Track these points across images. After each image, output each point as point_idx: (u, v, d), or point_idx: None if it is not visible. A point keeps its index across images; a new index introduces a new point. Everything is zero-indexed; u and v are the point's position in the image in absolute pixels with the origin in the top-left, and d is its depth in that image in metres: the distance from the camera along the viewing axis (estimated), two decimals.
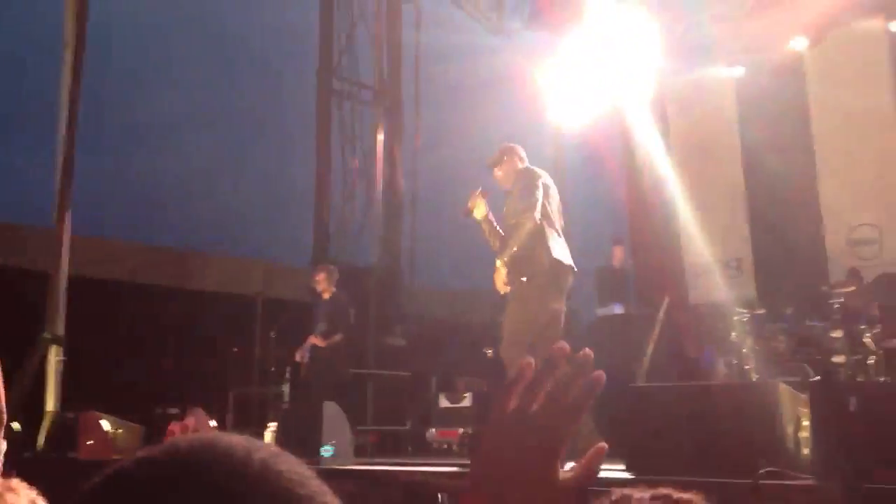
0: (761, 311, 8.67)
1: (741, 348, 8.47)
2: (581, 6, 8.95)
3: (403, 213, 11.32)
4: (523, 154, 6.53)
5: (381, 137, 11.15)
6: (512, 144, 6.60)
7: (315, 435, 6.07)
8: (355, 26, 11.36)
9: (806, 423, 4.36)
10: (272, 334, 9.38)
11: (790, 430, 4.43)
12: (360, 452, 8.29)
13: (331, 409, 6.36)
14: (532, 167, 6.45)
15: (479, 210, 6.27)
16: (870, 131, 9.39)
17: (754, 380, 8.14)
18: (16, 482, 1.59)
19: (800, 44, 9.43)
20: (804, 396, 4.43)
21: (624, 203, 11.34)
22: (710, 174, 10.28)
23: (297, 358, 8.76)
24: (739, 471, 4.21)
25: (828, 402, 4.23)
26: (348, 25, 11.32)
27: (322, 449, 6.14)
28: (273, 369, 9.25)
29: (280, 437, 6.52)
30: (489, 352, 9.27)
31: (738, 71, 9.97)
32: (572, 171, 12.00)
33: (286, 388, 8.87)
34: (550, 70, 10.26)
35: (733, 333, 8.61)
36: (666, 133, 10.56)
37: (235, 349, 10.21)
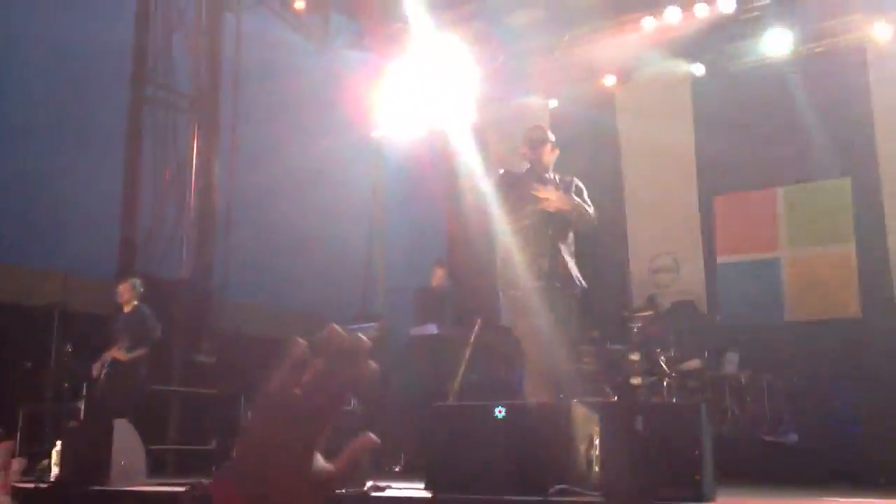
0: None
1: None
2: (405, 33, 9.04)
3: (217, 226, 10.98)
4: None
5: (195, 148, 10.79)
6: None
7: (104, 454, 5.73)
8: (173, 33, 10.97)
9: (598, 441, 4.51)
10: (68, 348, 8.83)
11: (583, 449, 4.57)
12: (158, 472, 7.92)
13: (122, 428, 6.02)
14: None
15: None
16: (672, 166, 9.99)
17: (559, 400, 8.44)
18: None
19: (610, 80, 9.92)
20: (597, 416, 4.58)
21: (446, 226, 11.50)
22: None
23: (94, 373, 8.28)
24: (533, 488, 4.30)
25: (616, 421, 4.40)
26: (165, 31, 10.92)
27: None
28: (67, 385, 8.69)
29: (66, 457, 6.11)
30: None
31: (553, 102, 10.36)
32: (396, 191, 12.06)
33: (82, 405, 8.34)
34: (376, 91, 10.32)
35: None
36: (487, 157, 10.80)
37: (28, 363, 9.53)
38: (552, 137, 5.92)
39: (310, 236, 10.63)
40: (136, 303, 8.56)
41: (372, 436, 1.01)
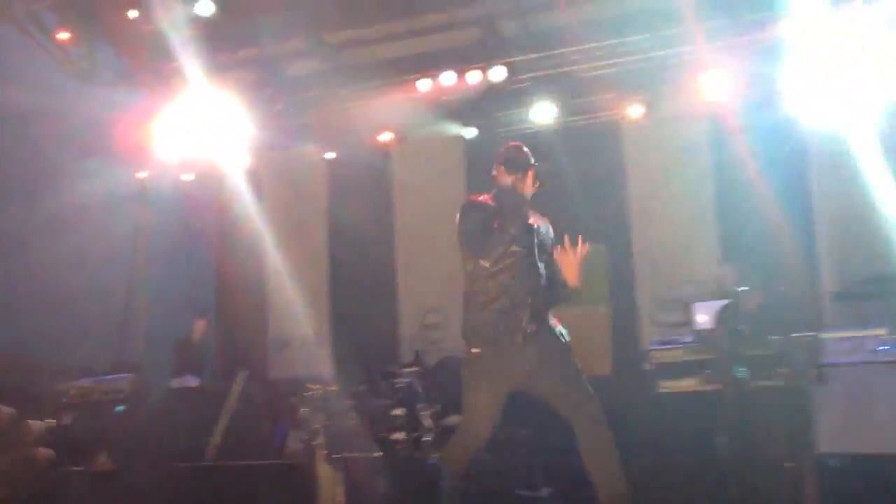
0: (334, 388, 8.90)
1: (313, 424, 8.58)
2: (175, 72, 8.76)
3: None
4: None
5: None
6: None
7: None
8: None
9: (341, 500, 4.44)
10: None
11: None
12: None
13: None
14: None
15: None
16: (444, 223, 10.19)
17: (322, 456, 8.29)
18: None
19: (386, 136, 10.07)
20: (341, 475, 4.52)
21: (214, 274, 11.14)
22: (300, 249, 10.48)
23: None
24: None
25: (359, 479, 4.35)
26: None
27: None
28: None
29: None
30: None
31: (330, 154, 10.36)
32: (163, 237, 11.54)
33: None
34: (145, 131, 9.89)
35: (306, 409, 8.70)
36: (262, 205, 10.61)
37: None
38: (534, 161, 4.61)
39: (66, 285, 9.94)
40: None
41: None
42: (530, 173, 4.53)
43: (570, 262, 4.53)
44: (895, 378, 6.53)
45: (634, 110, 9.42)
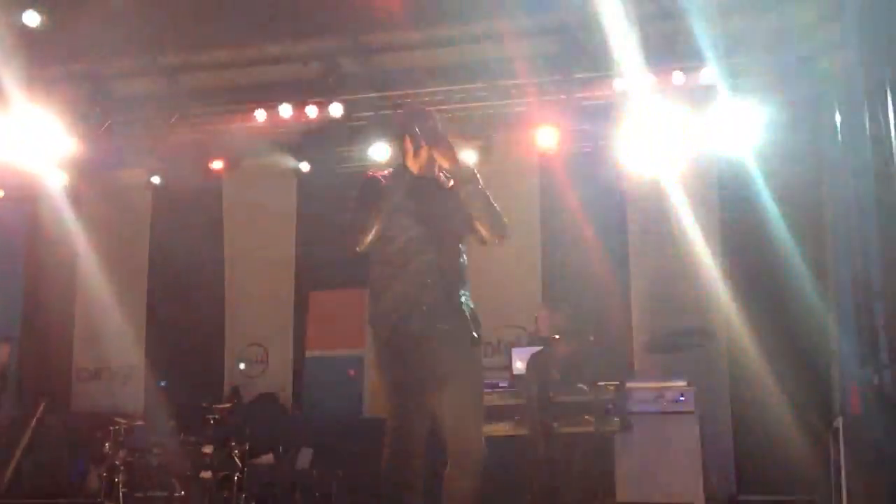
0: (140, 423, 8.48)
1: (114, 460, 8.12)
2: None
3: None
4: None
5: None
6: None
7: None
8: None
9: None
10: None
11: None
12: None
13: None
14: None
15: None
16: (273, 257, 10.03)
17: (122, 493, 7.84)
18: None
19: (218, 164, 9.81)
20: None
21: (22, 296, 10.45)
22: (116, 275, 9.97)
23: None
24: None
25: None
26: None
27: None
28: None
29: None
30: None
31: (156, 178, 9.98)
32: None
33: None
34: None
35: (107, 444, 8.23)
36: (80, 226, 10.08)
37: None
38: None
39: None
40: None
41: None
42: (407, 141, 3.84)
43: None
44: (690, 428, 6.80)
45: (468, 156, 9.53)
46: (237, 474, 7.95)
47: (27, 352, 9.77)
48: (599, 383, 7.10)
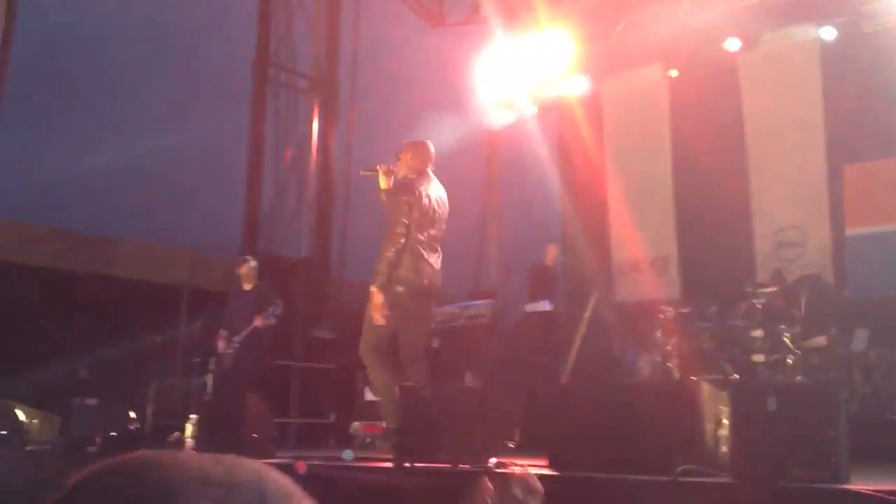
0: (686, 310, 8.78)
1: (665, 346, 8.57)
2: (516, 5, 8.93)
3: (335, 204, 11.20)
4: (429, 152, 6.33)
5: (315, 127, 11.01)
6: (420, 141, 6.42)
7: (235, 427, 5.95)
8: (294, 15, 11.20)
9: (726, 421, 4.41)
10: (198, 324, 9.19)
11: (710, 428, 4.48)
12: (281, 445, 8.18)
13: (253, 401, 6.23)
14: (415, 178, 6.17)
15: (384, 181, 6.26)
16: (800, 135, 9.58)
17: (676, 378, 8.27)
18: None
19: (734, 45, 9.56)
20: (725, 395, 4.48)
21: (558, 200, 11.39)
22: (642, 172, 10.38)
23: (220, 348, 8.58)
24: (659, 468, 4.24)
25: (747, 401, 4.28)
26: (287, 14, 11.17)
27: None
28: (197, 360, 9.05)
29: (202, 430, 6.37)
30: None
31: (673, 71, 10.06)
32: (507, 167, 12.03)
33: (209, 380, 8.67)
34: (489, 64, 10.28)
35: (657, 332, 8.70)
36: (600, 131, 10.64)
37: (159, 338, 9.98)
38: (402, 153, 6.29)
39: None
40: (256, 281, 8.81)
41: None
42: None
43: None
44: None
45: None
46: (790, 357, 7.94)
47: (569, 251, 10.63)
48: None
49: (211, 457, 0.86)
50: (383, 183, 6.22)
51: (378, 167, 6.27)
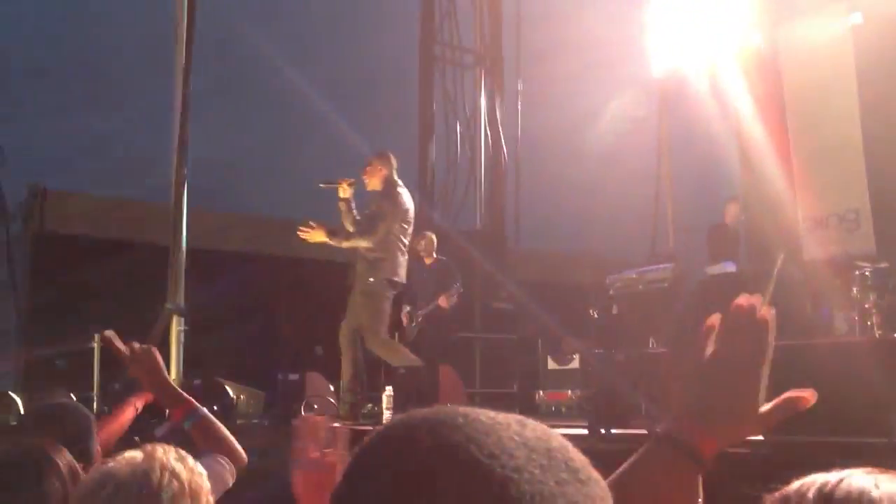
0: (884, 265, 8.31)
1: (863, 304, 8.16)
2: None
3: (506, 175, 11.28)
4: (394, 164, 7.69)
5: (483, 101, 11.11)
6: (384, 153, 7.69)
7: (432, 398, 6.15)
8: None
9: None
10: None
11: None
12: None
13: (446, 372, 6.42)
14: (396, 187, 7.64)
15: (345, 192, 7.40)
16: None
17: (878, 336, 7.85)
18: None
19: None
20: None
21: (736, 158, 10.99)
22: (826, 124, 9.85)
23: (403, 322, 8.87)
24: (874, 430, 4.09)
25: None
26: None
27: None
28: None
29: (397, 401, 6.63)
30: (595, 313, 9.22)
31: (856, 17, 9.47)
32: (678, 127, 11.71)
33: None
34: (658, 21, 10.05)
35: (854, 289, 8.29)
36: (779, 83, 10.16)
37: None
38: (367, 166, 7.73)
39: (596, 178, 10.63)
40: (435, 255, 9.03)
41: (807, 396, 1.18)
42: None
43: None
44: None
45: None
46: None
47: (751, 208, 10.26)
48: None
49: (509, 416, 0.82)
50: (343, 193, 7.37)
51: (340, 180, 7.35)
